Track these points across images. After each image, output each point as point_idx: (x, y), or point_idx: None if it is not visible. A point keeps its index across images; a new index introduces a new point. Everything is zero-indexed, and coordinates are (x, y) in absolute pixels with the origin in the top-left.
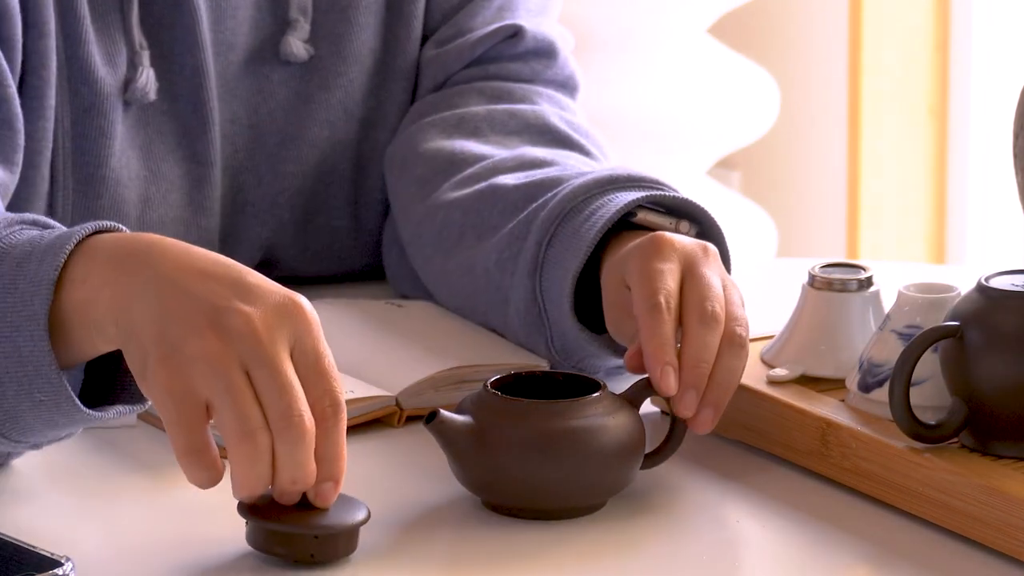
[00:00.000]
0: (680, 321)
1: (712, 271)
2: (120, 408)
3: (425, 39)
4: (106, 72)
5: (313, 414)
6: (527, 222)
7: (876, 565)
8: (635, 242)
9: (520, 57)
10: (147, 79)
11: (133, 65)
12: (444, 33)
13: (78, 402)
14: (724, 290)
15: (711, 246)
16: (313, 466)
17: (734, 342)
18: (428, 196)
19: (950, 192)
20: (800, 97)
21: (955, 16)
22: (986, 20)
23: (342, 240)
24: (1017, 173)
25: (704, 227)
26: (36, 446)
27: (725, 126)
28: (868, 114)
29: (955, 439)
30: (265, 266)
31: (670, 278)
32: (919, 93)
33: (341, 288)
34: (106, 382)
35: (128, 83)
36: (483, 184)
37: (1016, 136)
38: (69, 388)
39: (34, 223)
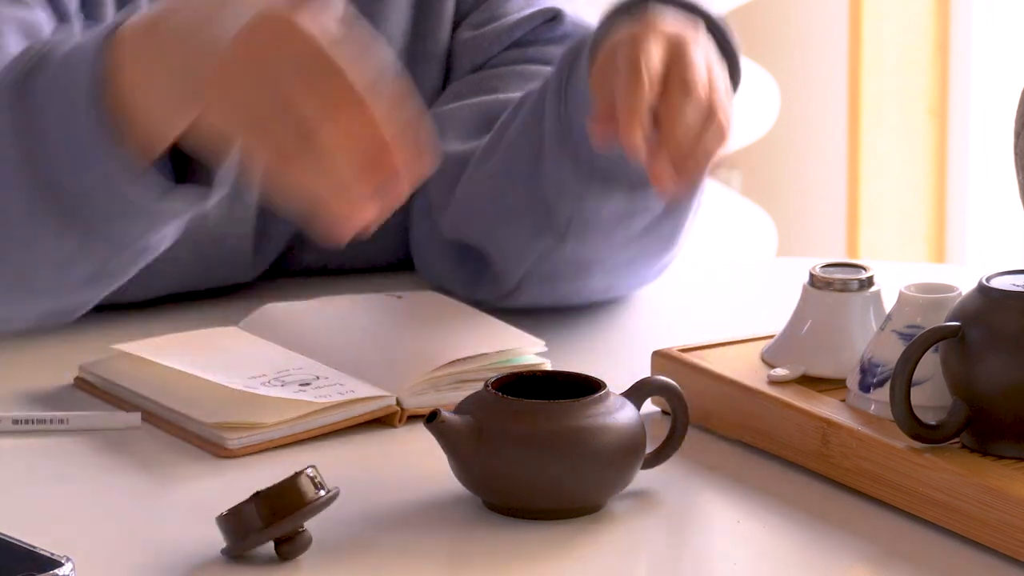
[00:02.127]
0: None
1: (699, 56)
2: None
3: (456, 24)
4: None
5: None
6: (546, 83)
7: (876, 565)
8: (629, 26)
9: (559, 40)
10: None
11: None
12: (477, 17)
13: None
14: (709, 73)
15: (703, 35)
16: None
17: (713, 119)
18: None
19: (950, 192)
20: (800, 97)
21: (955, 16)
22: (986, 20)
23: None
24: (1017, 173)
25: (719, 39)
26: (123, 247)
27: None
28: (868, 114)
29: (956, 439)
30: (291, 258)
31: (655, 52)
32: (919, 93)
33: (367, 280)
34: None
35: None
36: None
37: (1016, 136)
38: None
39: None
